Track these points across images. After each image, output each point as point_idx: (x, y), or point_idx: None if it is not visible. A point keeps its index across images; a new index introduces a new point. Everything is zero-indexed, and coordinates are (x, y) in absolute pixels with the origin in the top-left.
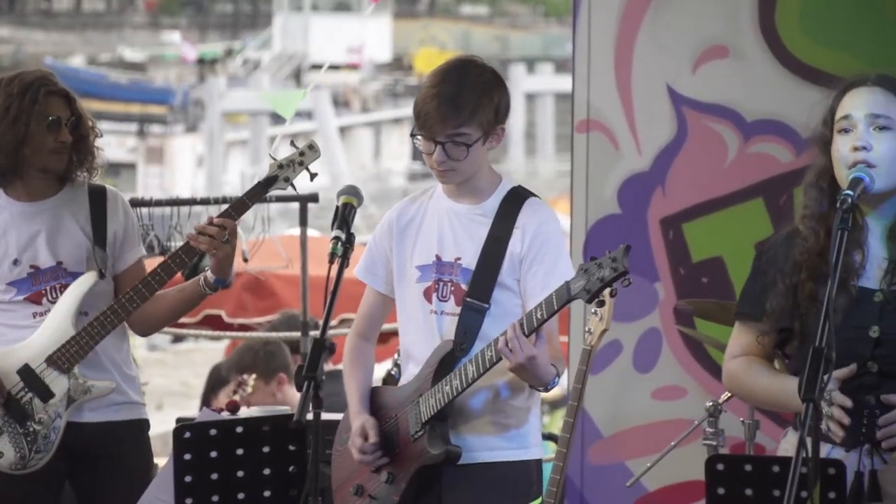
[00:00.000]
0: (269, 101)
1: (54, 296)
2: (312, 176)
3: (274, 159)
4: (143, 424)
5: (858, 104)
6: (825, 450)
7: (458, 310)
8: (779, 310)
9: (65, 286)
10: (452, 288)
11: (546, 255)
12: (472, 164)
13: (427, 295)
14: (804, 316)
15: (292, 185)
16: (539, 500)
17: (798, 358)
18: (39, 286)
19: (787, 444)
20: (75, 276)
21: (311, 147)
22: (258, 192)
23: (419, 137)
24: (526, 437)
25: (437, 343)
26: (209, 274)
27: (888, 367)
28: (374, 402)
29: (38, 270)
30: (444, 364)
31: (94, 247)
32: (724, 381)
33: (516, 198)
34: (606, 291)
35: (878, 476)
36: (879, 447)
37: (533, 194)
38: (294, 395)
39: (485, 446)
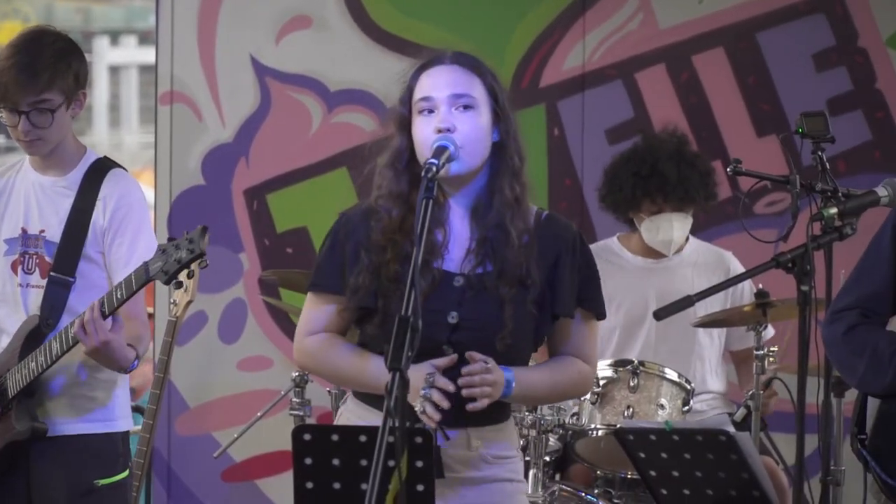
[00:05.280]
0: None
1: None
2: None
3: None
4: None
5: (439, 84)
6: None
7: (43, 283)
8: (363, 288)
9: None
10: (38, 261)
11: (128, 228)
12: (57, 132)
13: (14, 268)
14: (387, 297)
15: None
16: (126, 472)
17: (380, 336)
18: None
19: (347, 413)
20: None
21: None
22: None
23: (2, 111)
24: (112, 410)
25: (24, 316)
26: None
27: (465, 351)
28: None
29: None
30: (31, 339)
31: None
32: (300, 357)
33: (100, 169)
34: (184, 273)
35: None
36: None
37: (118, 165)
38: None
39: (71, 419)
